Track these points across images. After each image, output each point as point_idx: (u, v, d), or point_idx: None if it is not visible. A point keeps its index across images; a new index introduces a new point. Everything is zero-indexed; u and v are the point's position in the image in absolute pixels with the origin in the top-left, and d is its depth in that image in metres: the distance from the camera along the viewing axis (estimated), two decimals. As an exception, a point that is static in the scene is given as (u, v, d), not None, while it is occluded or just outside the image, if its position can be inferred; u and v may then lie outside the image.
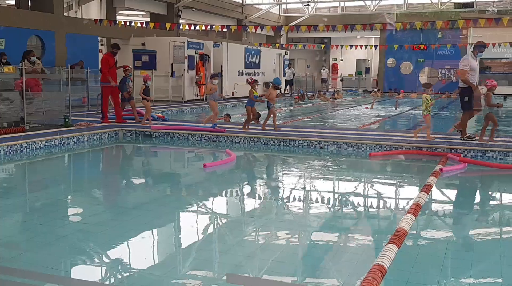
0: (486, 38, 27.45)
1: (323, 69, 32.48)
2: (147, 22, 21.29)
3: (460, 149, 8.83)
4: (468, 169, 8.03)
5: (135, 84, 17.58)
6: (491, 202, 6.93)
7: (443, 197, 6.99)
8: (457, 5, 30.60)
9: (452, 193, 7.27)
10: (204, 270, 4.17)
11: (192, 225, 5.43)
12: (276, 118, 11.34)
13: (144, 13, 25.60)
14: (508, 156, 8.60)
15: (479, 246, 4.87)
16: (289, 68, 30.06)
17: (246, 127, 10.98)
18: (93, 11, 24.01)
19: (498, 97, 29.13)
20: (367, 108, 20.15)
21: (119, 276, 3.96)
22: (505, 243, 5.05)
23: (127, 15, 27.16)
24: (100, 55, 22.25)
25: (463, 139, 9.53)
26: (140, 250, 4.54)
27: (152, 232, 5.11)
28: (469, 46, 30.07)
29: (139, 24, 20.07)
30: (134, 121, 12.18)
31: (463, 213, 6.18)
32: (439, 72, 32.02)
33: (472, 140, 9.45)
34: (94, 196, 6.94)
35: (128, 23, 20.33)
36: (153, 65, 19.64)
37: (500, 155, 8.65)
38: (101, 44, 22.48)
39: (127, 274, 4.04)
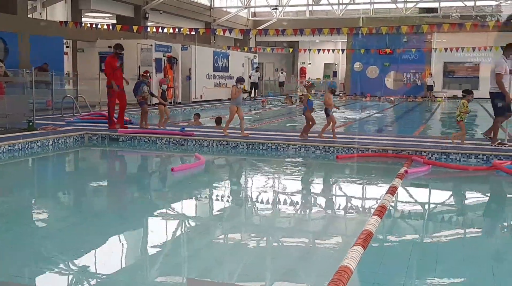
0: (449, 43, 28.26)
1: (281, 73, 32.35)
2: (113, 25, 21.03)
3: (425, 152, 9.01)
4: (432, 171, 8.20)
5: (104, 87, 17.42)
6: (455, 203, 7.09)
7: (408, 199, 7.12)
8: (422, 10, 31.29)
9: (416, 195, 7.41)
10: (172, 275, 4.14)
11: (159, 230, 5.39)
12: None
13: (110, 15, 25.29)
14: (471, 158, 8.83)
15: (443, 246, 4.98)
16: (256, 71, 30.17)
17: (304, 135, 10.16)
18: (59, 12, 23.59)
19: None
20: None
21: (85, 283, 3.89)
22: (468, 243, 5.18)
23: (93, 17, 26.78)
24: (66, 58, 21.91)
25: (495, 146, 9.34)
26: (107, 256, 4.48)
27: (119, 237, 5.04)
28: (433, 50, 30.83)
29: (105, 27, 19.81)
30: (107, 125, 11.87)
31: (427, 214, 6.30)
32: (404, 76, 32.65)
33: (503, 146, 9.33)
34: (58, 201, 6.81)
35: (94, 25, 20.05)
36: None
37: (463, 157, 8.87)
38: (67, 46, 22.10)
39: (94, 280, 3.97)
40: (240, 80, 10.82)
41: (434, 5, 30.68)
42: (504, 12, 29.45)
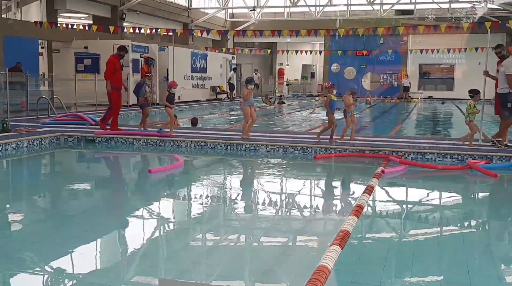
0: (425, 45, 28.63)
1: (255, 74, 32.29)
2: (90, 25, 20.79)
3: (401, 152, 9.12)
4: (409, 171, 8.30)
5: (79, 88, 17.24)
6: (430, 202, 7.19)
7: (385, 198, 7.19)
8: (398, 12, 31.63)
9: (393, 194, 7.49)
10: (149, 276, 4.10)
11: (136, 231, 5.34)
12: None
13: (86, 15, 25.00)
14: (446, 157, 8.96)
15: (420, 245, 5.04)
16: (235, 71, 30.48)
17: (333, 139, 10.02)
18: (33, 13, 23.20)
19: (436, 101, 30.32)
20: (312, 113, 20.43)
21: (60, 285, 3.84)
22: (444, 241, 5.24)
23: (69, 17, 26.44)
24: (41, 59, 21.58)
25: (504, 147, 9.38)
26: (82, 258, 4.42)
27: (95, 239, 4.98)
28: (409, 52, 31.22)
29: (81, 27, 19.57)
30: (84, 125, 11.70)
31: (404, 213, 6.37)
32: (381, 77, 32.99)
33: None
34: (33, 204, 6.70)
35: (70, 26, 19.79)
36: (96, 68, 19.21)
37: (439, 157, 9.00)
38: (42, 47, 21.78)
39: (69, 282, 3.91)
40: (249, 81, 10.60)
41: (410, 7, 31.05)
42: (478, 14, 29.99)
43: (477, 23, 15.85)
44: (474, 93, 9.84)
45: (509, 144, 9.53)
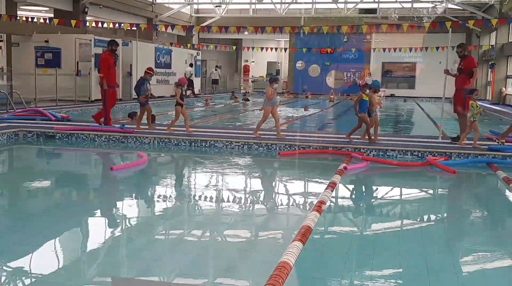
0: (387, 43, 29.11)
1: (215, 70, 32.10)
2: (50, 18, 20.30)
3: (363, 149, 9.25)
4: (370, 167, 8.44)
5: (40, 83, 16.82)
6: (391, 198, 7.33)
7: (347, 194, 7.29)
8: (361, 11, 32.07)
9: (355, 190, 7.60)
10: (110, 275, 4.04)
11: (97, 230, 5.25)
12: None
13: (47, 8, 24.41)
14: (407, 154, 9.14)
15: (380, 239, 5.13)
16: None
17: (372, 139, 9.74)
18: (-9, 5, 22.52)
19: (398, 99, 30.87)
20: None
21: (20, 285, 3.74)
22: (404, 235, 5.35)
23: (29, 10, 25.75)
24: (0, 52, 20.92)
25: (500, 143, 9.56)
26: (42, 258, 4.32)
27: (55, 238, 4.87)
28: (372, 50, 31.69)
29: (42, 20, 19.08)
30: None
31: (365, 208, 6.47)
32: (345, 75, 33.40)
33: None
34: (-10, 202, 6.50)
35: (30, 19, 19.27)
36: (57, 63, 18.81)
37: (400, 154, 9.18)
38: (0, 40, 21.12)
39: (28, 282, 3.82)
40: (274, 80, 10.27)
41: (374, 6, 31.52)
42: (439, 13, 30.69)
43: (438, 22, 16.20)
44: (470, 93, 9.74)
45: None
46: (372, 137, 9.80)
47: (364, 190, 7.80)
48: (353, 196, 7.27)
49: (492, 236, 5.40)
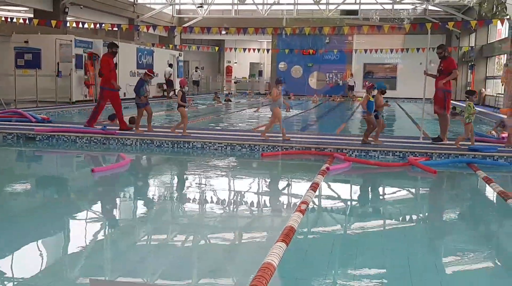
0: (369, 45, 29.35)
1: (195, 71, 31.96)
2: (30, 19, 20.05)
3: (345, 149, 9.31)
4: (353, 167, 8.50)
5: (19, 84, 16.59)
6: (373, 197, 7.38)
7: (329, 194, 7.32)
8: (343, 12, 32.27)
9: (338, 190, 7.64)
10: (93, 277, 4.00)
11: (80, 232, 5.19)
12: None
13: (27, 9, 24.10)
14: (388, 155, 9.22)
15: (363, 239, 5.16)
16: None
17: (377, 140, 9.75)
18: (-31, 4, 22.19)
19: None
20: (257, 111, 20.48)
21: (-3, 289, 3.69)
22: (386, 235, 5.40)
23: (8, 10, 25.40)
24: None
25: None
26: (24, 260, 4.27)
27: (36, 241, 4.81)
28: (353, 51, 31.91)
29: (21, 21, 18.84)
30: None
31: (348, 209, 6.51)
32: (327, 76, 33.56)
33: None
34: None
35: (9, 19, 19.01)
36: (37, 64, 18.60)
37: (381, 154, 9.25)
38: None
39: (11, 285, 3.77)
40: (280, 81, 10.32)
41: (355, 7, 31.74)
42: (419, 15, 31.01)
43: (418, 24, 16.36)
44: (470, 93, 9.86)
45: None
46: (370, 138, 9.83)
47: (346, 190, 7.85)
48: (336, 197, 7.31)
49: (473, 236, 5.48)
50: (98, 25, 19.17)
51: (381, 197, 7.40)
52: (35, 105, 16.65)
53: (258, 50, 31.77)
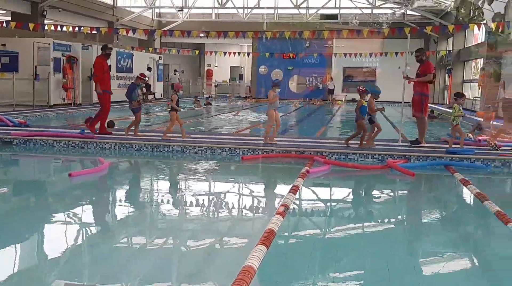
0: (348, 49, 29.58)
1: (174, 74, 31.79)
2: (7, 22, 19.77)
3: (325, 152, 9.35)
4: (332, 170, 8.54)
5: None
6: (353, 200, 7.42)
7: (310, 197, 7.34)
8: (323, 16, 32.47)
9: (318, 193, 7.66)
10: (73, 282, 3.95)
11: (57, 237, 5.11)
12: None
13: (4, 11, 23.77)
14: (368, 157, 9.29)
15: (343, 241, 5.19)
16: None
17: (365, 144, 9.83)
18: None
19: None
20: (237, 114, 20.49)
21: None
22: (366, 237, 5.43)
23: (-16, 13, 25.02)
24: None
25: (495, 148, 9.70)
26: (1, 265, 4.19)
27: (13, 245, 4.73)
28: (333, 55, 32.13)
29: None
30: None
31: (328, 212, 6.53)
32: (307, 80, 33.73)
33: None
34: None
35: (-15, 22, 18.72)
36: (15, 67, 18.33)
37: (361, 157, 9.32)
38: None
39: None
40: (277, 84, 10.25)
41: (335, 12, 31.97)
42: (398, 20, 31.38)
43: (397, 28, 16.55)
44: (458, 96, 10.00)
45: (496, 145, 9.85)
46: (365, 142, 9.90)
47: (326, 193, 7.88)
48: (316, 199, 7.33)
49: (450, 237, 5.54)
50: (76, 28, 18.98)
51: (360, 200, 7.44)
52: (12, 109, 16.40)
53: (239, 53, 31.75)
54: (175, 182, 8.01)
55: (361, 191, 8.10)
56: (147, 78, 10.97)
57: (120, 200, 6.85)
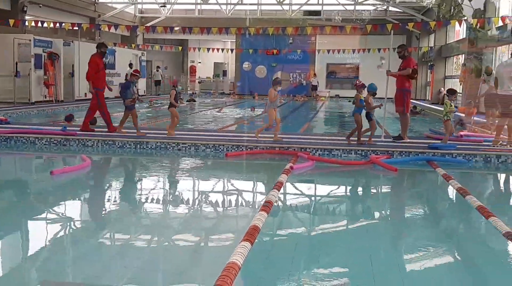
0: (331, 45, 29.68)
1: (157, 70, 31.62)
2: (-14, 17, 19.49)
3: (309, 148, 9.38)
4: (316, 166, 8.57)
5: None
6: (336, 196, 7.46)
7: (294, 193, 7.36)
8: (306, 13, 32.53)
9: (302, 189, 7.69)
10: (56, 280, 3.90)
11: (39, 236, 5.05)
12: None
13: (-17, 7, 23.39)
14: (351, 153, 9.34)
15: (327, 237, 5.20)
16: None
17: (361, 141, 9.78)
18: None
19: (343, 99, 31.48)
20: (220, 111, 20.42)
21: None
22: (350, 233, 5.46)
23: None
24: None
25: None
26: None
27: (-8, 245, 4.67)
28: (316, 51, 32.23)
29: (-23, 19, 18.29)
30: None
31: (312, 207, 6.55)
32: (291, 76, 33.77)
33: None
34: None
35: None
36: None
37: (344, 153, 9.36)
38: None
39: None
40: (278, 82, 10.14)
41: (318, 8, 32.04)
42: (379, 16, 31.57)
43: (379, 25, 16.65)
44: (450, 93, 10.10)
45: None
46: (362, 139, 9.91)
47: (310, 189, 7.90)
48: (300, 195, 7.35)
49: (433, 232, 5.59)
50: (58, 24, 18.76)
51: (344, 196, 7.49)
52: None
53: (222, 50, 31.69)
54: (158, 180, 7.97)
55: (344, 187, 8.14)
56: (139, 75, 10.87)
57: (102, 199, 6.79)
